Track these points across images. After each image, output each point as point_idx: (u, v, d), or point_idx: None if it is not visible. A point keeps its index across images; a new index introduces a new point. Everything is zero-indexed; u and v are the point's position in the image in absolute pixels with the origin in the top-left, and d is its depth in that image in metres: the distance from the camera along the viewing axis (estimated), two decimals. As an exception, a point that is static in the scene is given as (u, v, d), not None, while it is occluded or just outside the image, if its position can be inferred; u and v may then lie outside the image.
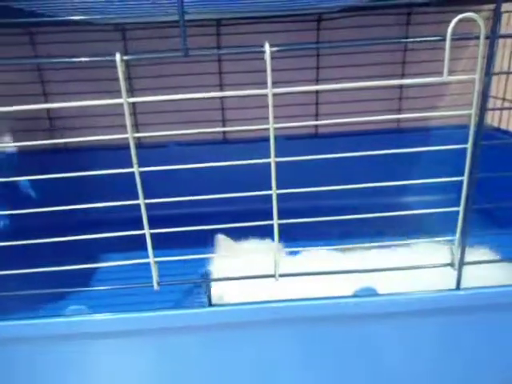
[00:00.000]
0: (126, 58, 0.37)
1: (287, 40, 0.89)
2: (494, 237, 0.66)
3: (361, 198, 0.76)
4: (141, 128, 0.94)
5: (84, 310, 0.48)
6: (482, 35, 0.37)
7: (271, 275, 0.45)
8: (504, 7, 0.39)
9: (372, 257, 0.61)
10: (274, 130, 0.40)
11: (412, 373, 0.50)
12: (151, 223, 0.44)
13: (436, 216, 0.48)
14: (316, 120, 0.98)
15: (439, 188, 0.91)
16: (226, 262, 0.63)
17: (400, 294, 0.44)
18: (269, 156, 0.41)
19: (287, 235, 0.63)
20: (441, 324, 0.47)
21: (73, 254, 0.52)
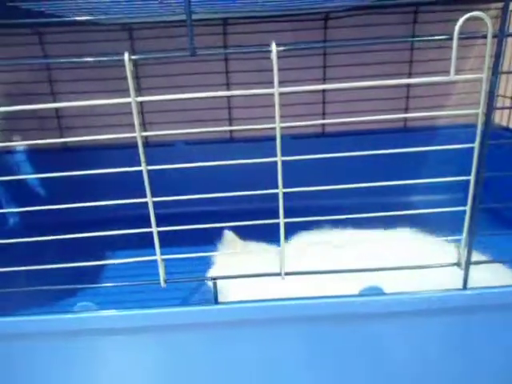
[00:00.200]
0: (133, 57, 0.38)
1: (294, 39, 0.89)
2: (502, 237, 0.65)
3: (367, 197, 0.76)
4: (148, 127, 0.95)
5: (92, 307, 0.48)
6: (490, 34, 0.37)
7: (277, 273, 0.45)
8: (512, 5, 0.39)
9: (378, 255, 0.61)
10: (281, 129, 0.40)
11: (418, 372, 0.50)
12: (158, 221, 0.45)
13: (443, 215, 0.48)
14: (323, 119, 0.97)
15: (446, 187, 0.90)
16: (229, 260, 0.64)
17: (406, 293, 0.44)
18: (275, 155, 0.41)
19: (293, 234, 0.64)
20: (447, 324, 0.47)
21: (81, 251, 0.53)
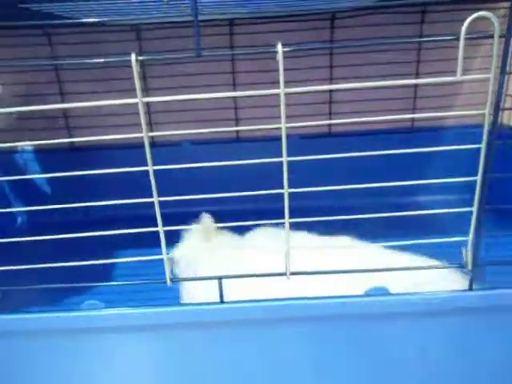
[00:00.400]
0: (140, 58, 0.38)
1: (300, 39, 0.89)
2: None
3: (374, 197, 0.76)
4: (154, 127, 0.95)
5: (99, 305, 0.49)
6: (497, 34, 0.36)
7: (283, 273, 0.45)
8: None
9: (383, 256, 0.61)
10: (287, 128, 0.41)
11: (422, 373, 0.50)
12: (164, 220, 0.45)
13: (450, 216, 0.48)
14: (329, 119, 0.97)
15: (454, 188, 0.90)
16: (197, 243, 0.66)
17: (412, 294, 0.44)
18: (281, 154, 0.41)
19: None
20: (453, 324, 0.47)
21: (88, 249, 0.53)
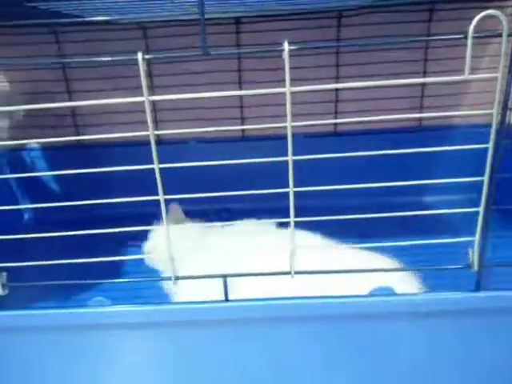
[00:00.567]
0: (147, 56, 0.38)
1: (307, 37, 0.89)
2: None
3: (380, 196, 0.75)
4: (160, 124, 0.95)
5: (106, 302, 0.49)
6: (505, 33, 0.36)
7: (287, 272, 0.45)
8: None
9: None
10: (292, 128, 0.41)
11: (428, 374, 0.50)
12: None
13: (456, 216, 0.48)
14: (335, 118, 0.97)
15: (461, 187, 0.89)
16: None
17: (417, 294, 0.44)
18: (287, 153, 0.41)
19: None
20: (459, 326, 0.47)
21: (95, 246, 0.54)
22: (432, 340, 0.47)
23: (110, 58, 0.40)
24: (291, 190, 0.41)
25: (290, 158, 0.40)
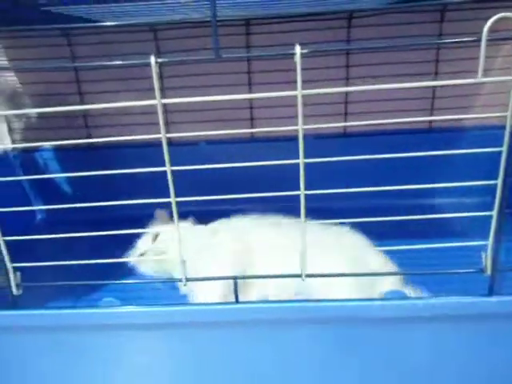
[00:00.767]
0: (160, 60, 0.39)
1: (317, 38, 0.89)
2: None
3: (390, 198, 0.74)
4: (171, 126, 0.96)
5: (116, 303, 0.50)
6: (520, 35, 0.36)
7: (298, 275, 0.45)
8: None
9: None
10: (303, 129, 0.40)
11: (439, 379, 0.49)
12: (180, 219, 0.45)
13: (469, 218, 0.47)
14: (345, 119, 0.97)
15: (473, 190, 0.88)
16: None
17: (430, 298, 0.44)
18: (297, 154, 0.41)
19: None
20: (471, 330, 0.46)
21: (106, 247, 0.54)
22: (443, 344, 0.47)
23: (122, 62, 0.40)
24: (302, 192, 0.41)
25: (301, 160, 0.40)
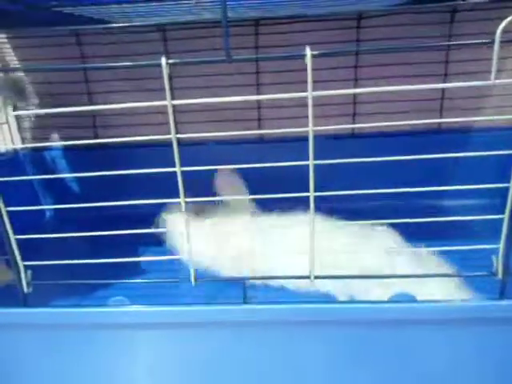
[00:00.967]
0: (171, 61, 0.39)
1: (327, 39, 0.88)
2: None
3: (400, 199, 0.74)
4: (179, 126, 0.96)
5: (125, 301, 0.50)
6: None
7: (306, 276, 0.45)
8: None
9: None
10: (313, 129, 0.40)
11: (450, 382, 0.49)
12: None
13: (479, 221, 0.47)
14: (354, 119, 0.96)
15: (482, 192, 0.87)
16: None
17: (440, 301, 0.43)
18: (305, 155, 0.41)
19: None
20: (481, 334, 0.46)
21: (115, 245, 0.55)
22: (454, 347, 0.47)
23: (134, 63, 0.41)
24: (311, 194, 0.41)
25: (311, 162, 0.40)
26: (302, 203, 0.49)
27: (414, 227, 0.50)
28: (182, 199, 0.44)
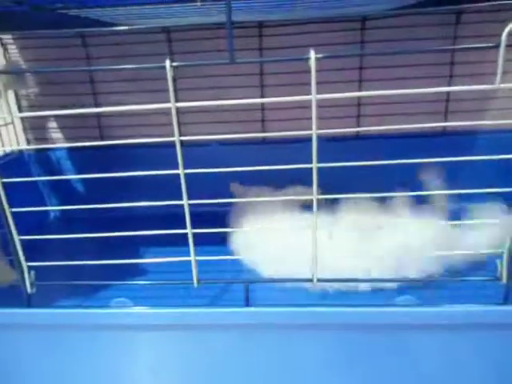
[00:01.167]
0: (175, 64, 0.39)
1: (331, 40, 0.88)
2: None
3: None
4: (183, 126, 0.96)
5: (127, 303, 0.50)
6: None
7: (309, 279, 0.45)
8: None
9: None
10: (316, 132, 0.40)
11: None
12: (192, 219, 0.45)
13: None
14: (358, 121, 0.96)
15: (487, 195, 0.87)
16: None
17: (444, 306, 0.43)
18: (309, 155, 0.41)
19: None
20: (485, 339, 0.45)
21: (118, 246, 0.55)
22: (456, 353, 0.46)
23: (138, 66, 0.41)
24: (315, 197, 0.41)
25: (314, 165, 0.40)
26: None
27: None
28: (185, 201, 0.44)
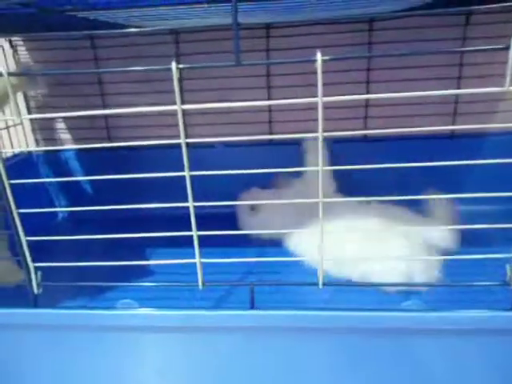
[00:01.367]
0: (181, 66, 0.39)
1: (338, 42, 0.88)
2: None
3: (413, 205, 0.73)
4: (189, 128, 0.96)
5: (133, 304, 0.50)
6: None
7: (314, 283, 0.45)
8: None
9: None
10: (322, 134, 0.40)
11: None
12: (198, 220, 0.45)
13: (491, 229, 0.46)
14: (365, 122, 0.95)
15: (495, 197, 0.86)
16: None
17: (450, 311, 0.43)
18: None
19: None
20: (491, 345, 0.45)
21: (125, 246, 0.55)
22: (462, 359, 0.46)
23: (145, 67, 0.41)
24: (320, 200, 0.41)
25: (320, 168, 0.40)
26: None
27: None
28: (190, 203, 0.44)
